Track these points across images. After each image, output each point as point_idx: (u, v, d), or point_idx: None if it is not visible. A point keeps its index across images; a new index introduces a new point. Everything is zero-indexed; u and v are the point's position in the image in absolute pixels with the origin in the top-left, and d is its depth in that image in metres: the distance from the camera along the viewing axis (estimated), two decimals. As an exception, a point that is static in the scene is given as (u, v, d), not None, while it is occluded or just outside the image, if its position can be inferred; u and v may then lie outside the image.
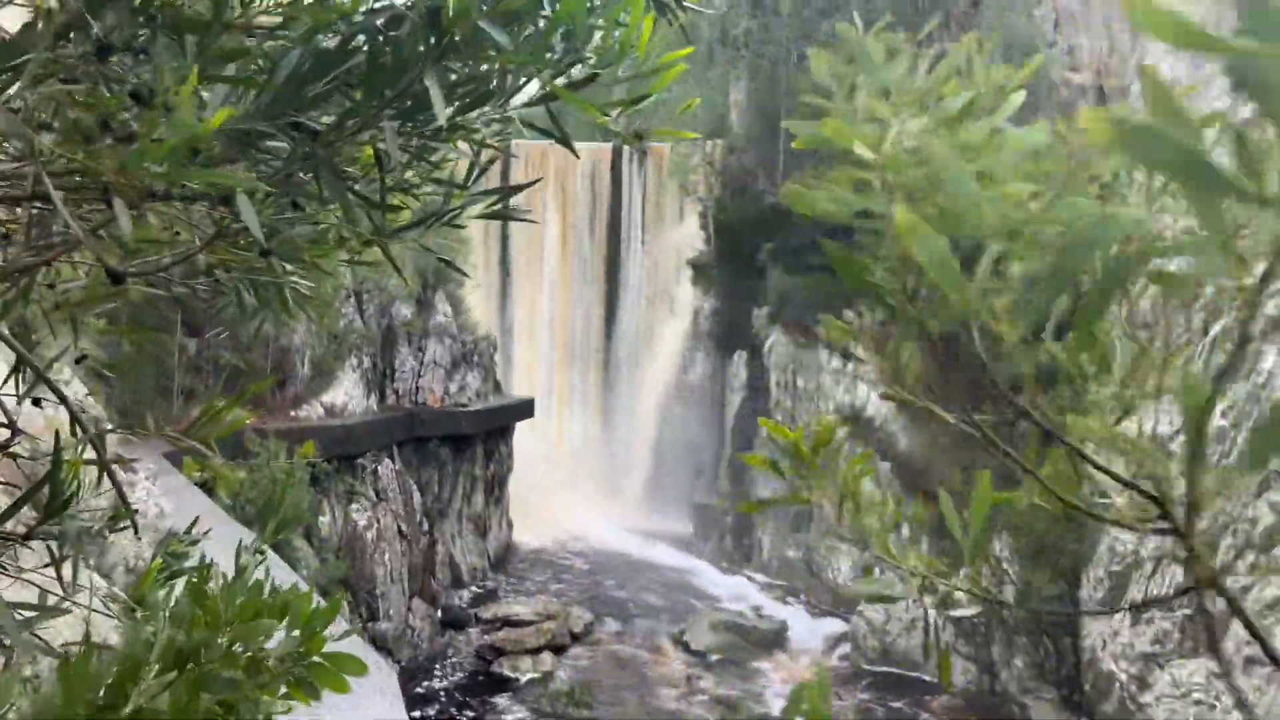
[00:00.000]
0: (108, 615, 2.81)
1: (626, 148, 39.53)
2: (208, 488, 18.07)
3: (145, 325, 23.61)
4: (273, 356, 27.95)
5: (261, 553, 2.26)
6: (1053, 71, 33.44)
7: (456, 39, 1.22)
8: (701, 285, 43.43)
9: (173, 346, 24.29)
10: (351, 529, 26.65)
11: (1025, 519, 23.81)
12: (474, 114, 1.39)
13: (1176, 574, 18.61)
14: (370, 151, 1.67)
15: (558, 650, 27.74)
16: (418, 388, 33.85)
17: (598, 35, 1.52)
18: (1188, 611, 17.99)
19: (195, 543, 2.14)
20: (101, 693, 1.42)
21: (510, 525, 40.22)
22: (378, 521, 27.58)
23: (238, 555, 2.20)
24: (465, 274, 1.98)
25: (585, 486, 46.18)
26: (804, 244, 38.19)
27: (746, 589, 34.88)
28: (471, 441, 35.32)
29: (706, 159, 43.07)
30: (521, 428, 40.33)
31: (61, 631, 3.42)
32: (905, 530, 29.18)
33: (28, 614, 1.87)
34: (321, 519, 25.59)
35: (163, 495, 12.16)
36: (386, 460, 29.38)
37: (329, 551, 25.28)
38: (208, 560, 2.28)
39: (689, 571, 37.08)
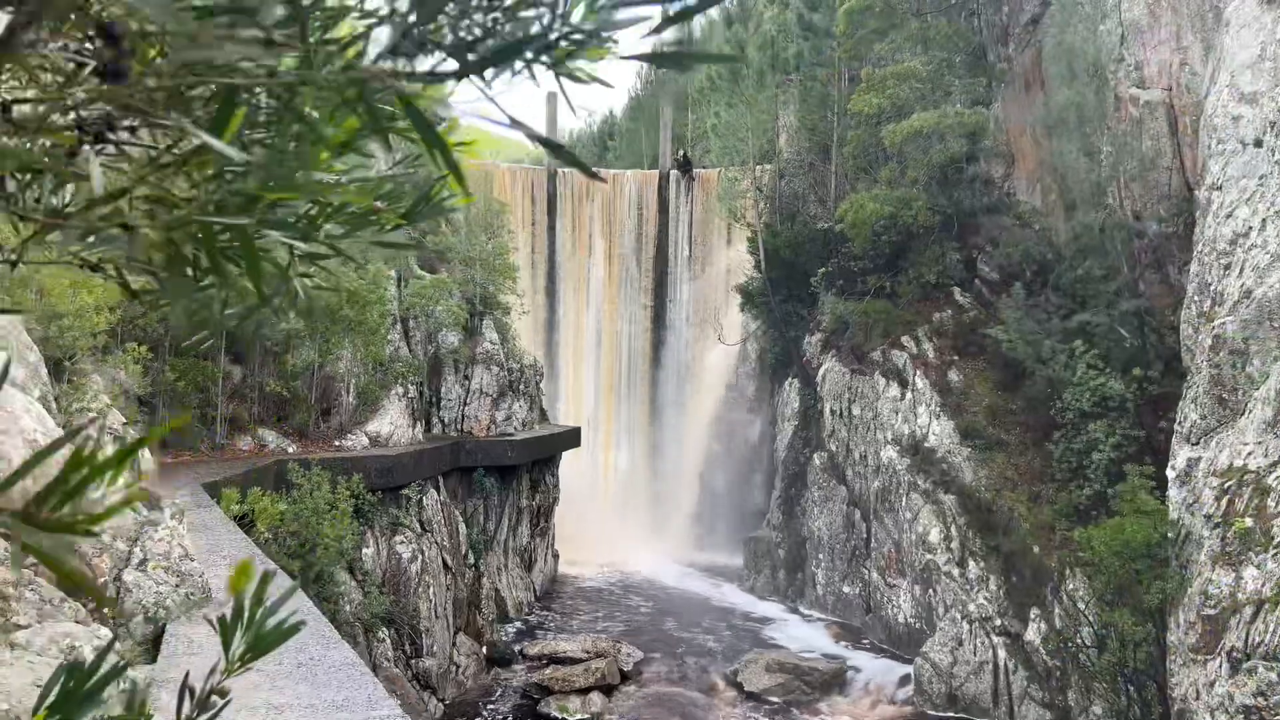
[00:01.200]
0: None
1: (674, 172, 39.22)
2: (248, 521, 17.43)
3: (188, 352, 23.26)
4: (317, 385, 27.47)
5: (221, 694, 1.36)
6: (1120, 88, 32.06)
7: None
8: (751, 311, 42.39)
9: (216, 373, 23.87)
10: (395, 562, 25.91)
11: (1103, 556, 22.32)
12: None
13: (1282, 620, 17.08)
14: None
15: (607, 690, 26.65)
16: (464, 416, 33.20)
17: None
18: (1297, 662, 16.46)
19: (117, 674, 1.22)
20: None
21: (556, 557, 39.30)
22: (422, 554, 26.82)
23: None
24: (594, 177, 1.06)
25: (632, 517, 45.15)
26: (858, 269, 37.07)
27: (801, 626, 33.51)
28: (517, 472, 34.55)
29: (756, 183, 42.20)
30: (567, 457, 39.52)
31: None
32: (973, 567, 27.83)
33: None
34: (365, 551, 24.89)
35: (190, 533, 11.45)
36: (432, 491, 28.67)
37: (372, 585, 24.55)
38: (138, 688, 1.39)
39: (741, 607, 35.80)
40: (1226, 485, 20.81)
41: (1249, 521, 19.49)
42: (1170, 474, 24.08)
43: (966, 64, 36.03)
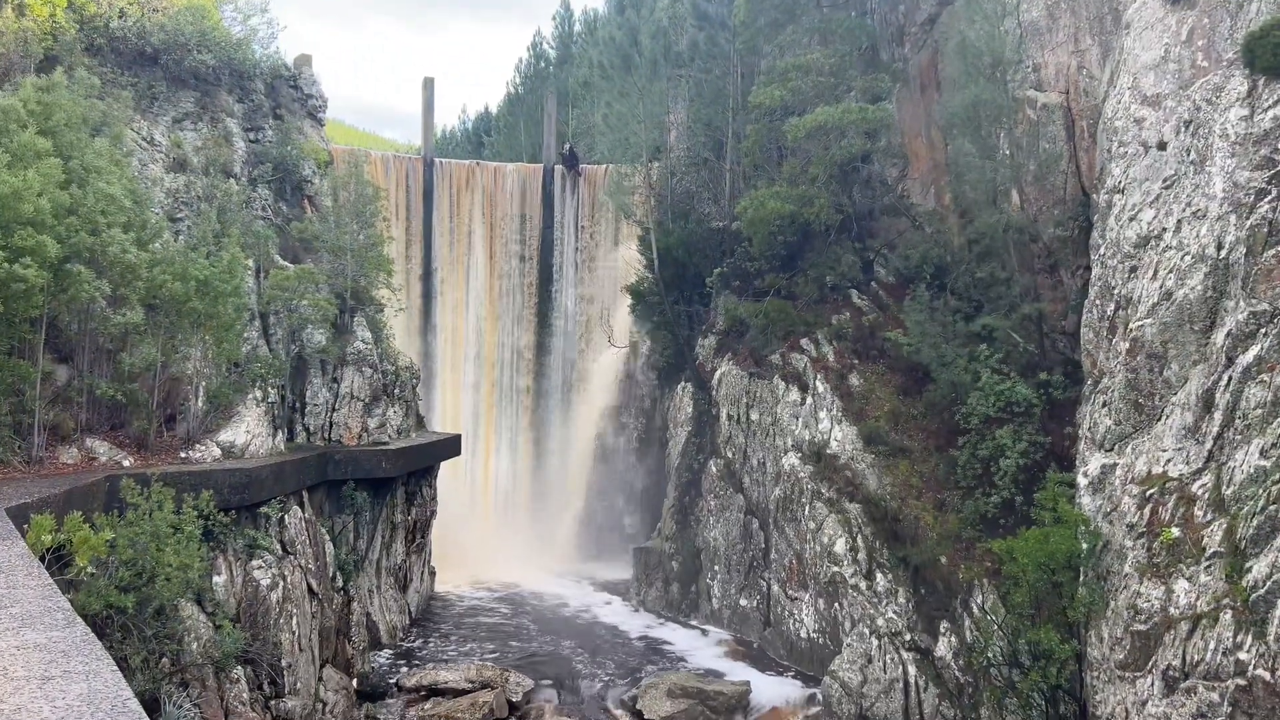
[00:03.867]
0: None
1: (559, 167, 36.71)
2: (65, 554, 14.23)
3: (-5, 348, 19.56)
4: (161, 388, 23.91)
5: None
6: (1018, 90, 31.76)
7: None
8: (641, 312, 40.51)
9: (33, 373, 20.17)
10: (252, 590, 22.69)
11: (1026, 568, 21.38)
12: None
13: (1224, 637, 16.27)
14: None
15: (495, 726, 24.16)
16: (332, 424, 29.99)
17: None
18: (1241, 681, 15.64)
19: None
20: None
21: (433, 575, 36.39)
22: (284, 579, 23.66)
23: None
24: None
25: (515, 529, 42.56)
26: (754, 269, 35.73)
27: (698, 643, 31.77)
28: (391, 484, 31.51)
29: (647, 179, 40.37)
30: (446, 467, 36.65)
31: None
32: (881, 579, 26.62)
33: None
34: (216, 580, 21.63)
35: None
36: (295, 507, 25.47)
37: (225, 618, 21.33)
38: None
39: (633, 623, 33.81)
40: (1148, 493, 20.17)
41: (1176, 531, 18.81)
42: (1082, 481, 23.47)
43: (864, 60, 35.19)
